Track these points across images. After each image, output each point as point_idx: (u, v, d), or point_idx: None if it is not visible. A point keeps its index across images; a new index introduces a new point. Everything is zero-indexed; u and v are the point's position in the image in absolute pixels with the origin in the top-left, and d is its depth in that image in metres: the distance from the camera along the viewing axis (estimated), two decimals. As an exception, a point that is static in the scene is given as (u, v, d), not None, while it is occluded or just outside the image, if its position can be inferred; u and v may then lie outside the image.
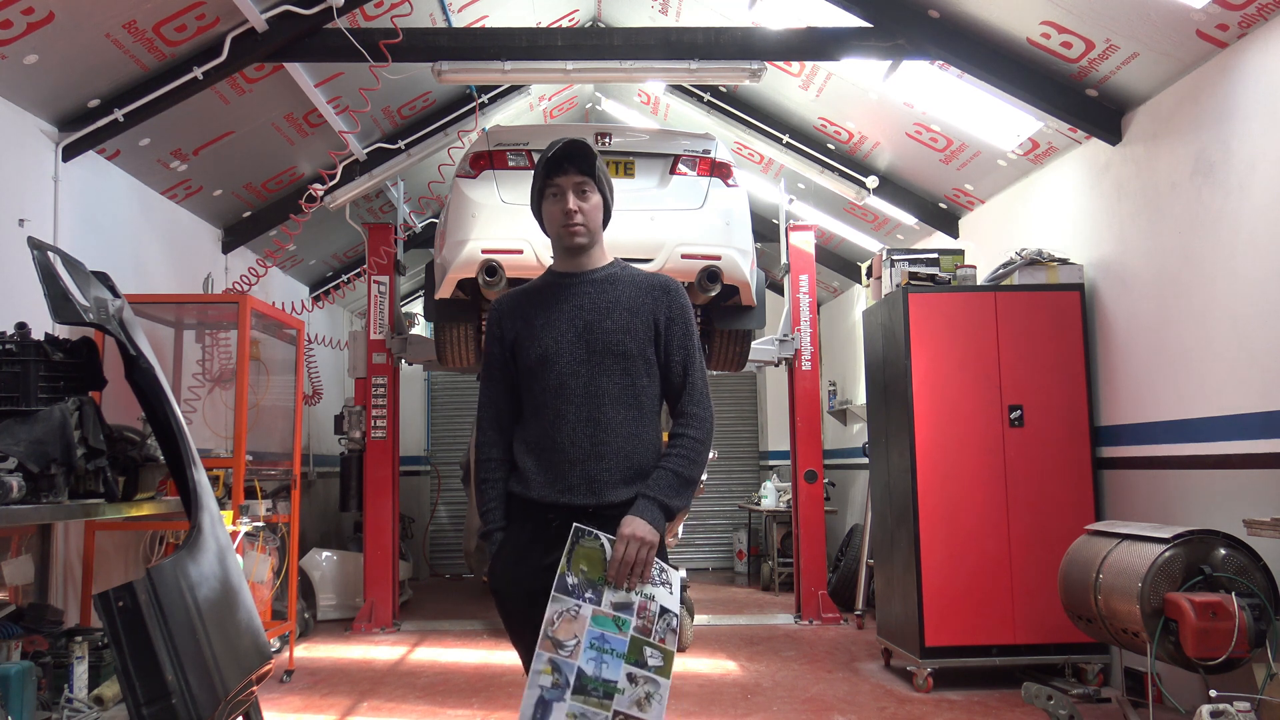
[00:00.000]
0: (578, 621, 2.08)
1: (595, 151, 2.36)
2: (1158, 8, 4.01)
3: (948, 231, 6.79)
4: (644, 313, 2.35)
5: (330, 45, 5.04)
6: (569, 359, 2.30)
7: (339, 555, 7.53)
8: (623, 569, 2.13)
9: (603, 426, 2.26)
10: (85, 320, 2.90)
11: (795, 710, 4.55)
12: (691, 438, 2.30)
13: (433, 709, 4.65)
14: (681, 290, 2.42)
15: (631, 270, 2.44)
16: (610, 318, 2.32)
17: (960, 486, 4.95)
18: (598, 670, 2.05)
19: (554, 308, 2.36)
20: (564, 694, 2.04)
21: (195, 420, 5.32)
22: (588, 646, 2.07)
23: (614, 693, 2.04)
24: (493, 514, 2.36)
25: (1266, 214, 3.83)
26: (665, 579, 2.16)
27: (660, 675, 2.07)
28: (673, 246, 5.10)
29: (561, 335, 2.32)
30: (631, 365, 2.32)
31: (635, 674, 2.07)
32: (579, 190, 2.34)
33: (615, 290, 2.37)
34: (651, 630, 2.10)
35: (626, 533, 2.15)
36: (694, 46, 5.25)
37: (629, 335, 2.32)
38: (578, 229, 2.34)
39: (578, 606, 2.10)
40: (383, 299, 7.11)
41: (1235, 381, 4.02)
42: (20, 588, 3.95)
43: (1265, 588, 3.57)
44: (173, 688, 2.44)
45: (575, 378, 2.29)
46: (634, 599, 2.11)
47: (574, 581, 2.11)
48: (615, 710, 2.04)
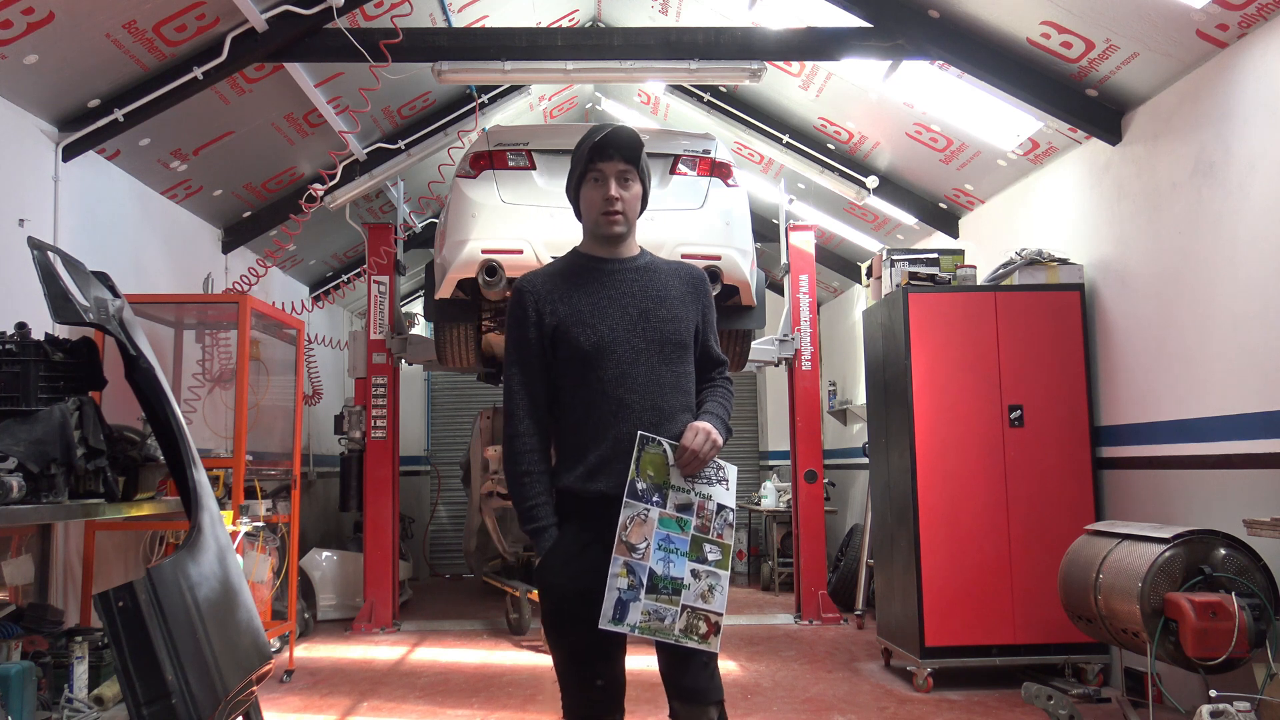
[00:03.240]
0: (647, 524, 2.17)
1: (642, 141, 2.33)
2: (1158, 8, 4.01)
3: (948, 231, 6.79)
4: (690, 304, 2.37)
5: (330, 45, 5.04)
6: (627, 347, 2.26)
7: (339, 555, 7.53)
8: (691, 457, 2.19)
9: (666, 415, 2.25)
10: (85, 320, 2.90)
11: (795, 710, 4.55)
12: (725, 384, 2.42)
13: (433, 709, 4.65)
14: (706, 279, 2.48)
15: (661, 259, 2.44)
16: (664, 306, 2.32)
17: (960, 486, 4.95)
18: (665, 569, 2.16)
19: (600, 293, 2.30)
20: (639, 594, 2.14)
21: (195, 420, 5.32)
22: (656, 548, 2.17)
23: (681, 589, 2.17)
24: (542, 510, 2.27)
25: (1266, 214, 3.83)
26: (722, 475, 2.25)
27: (720, 568, 2.20)
28: (673, 246, 5.09)
29: (617, 323, 2.27)
30: (685, 355, 2.34)
31: (698, 569, 2.18)
32: (621, 178, 2.31)
33: (660, 279, 2.36)
34: (710, 527, 2.21)
35: (696, 425, 2.22)
36: (694, 46, 5.25)
37: (683, 325, 2.34)
38: (616, 217, 2.31)
39: (646, 510, 2.18)
40: (383, 299, 7.11)
41: (1235, 381, 4.02)
42: (20, 588, 3.95)
43: (1265, 588, 3.57)
44: (173, 688, 2.44)
45: (635, 366, 2.26)
46: (694, 499, 2.21)
47: (643, 487, 2.18)
48: (683, 605, 2.16)
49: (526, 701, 4.79)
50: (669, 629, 2.15)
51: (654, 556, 2.16)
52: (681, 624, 2.16)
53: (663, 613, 2.15)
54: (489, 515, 7.41)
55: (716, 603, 2.18)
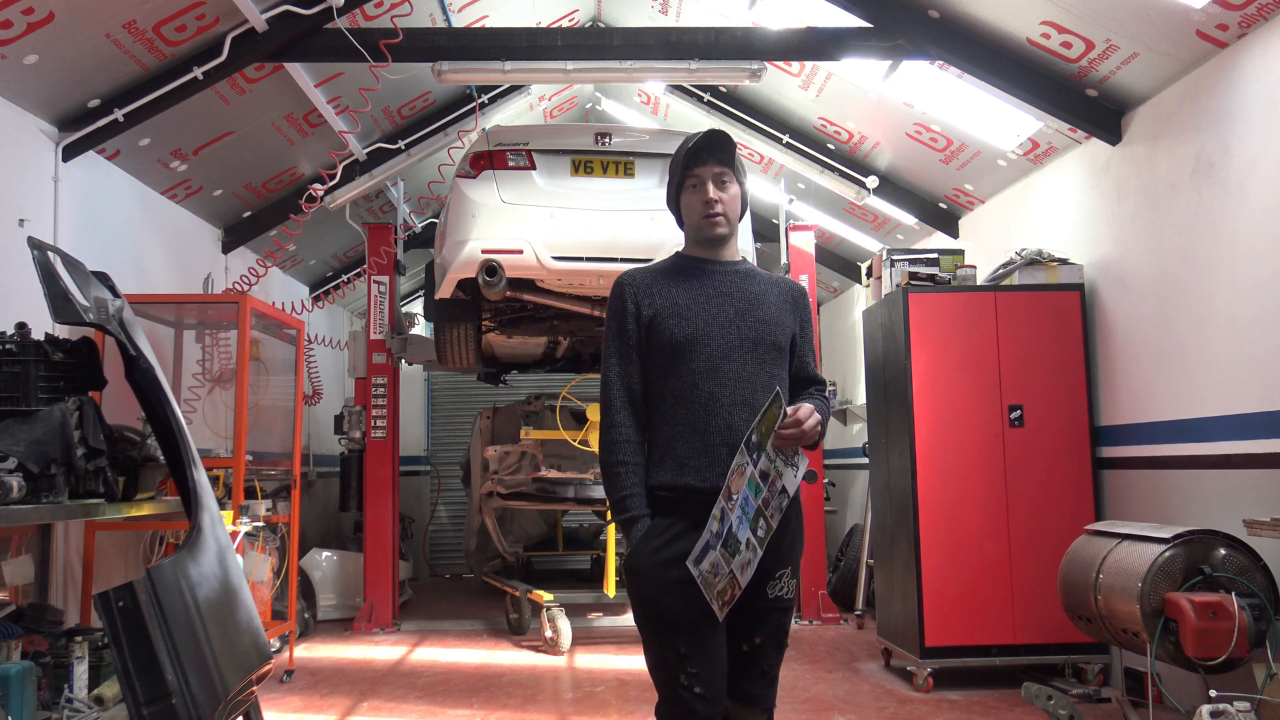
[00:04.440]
0: (745, 478, 2.14)
1: (734, 143, 2.37)
2: (1158, 8, 4.01)
3: (948, 231, 6.79)
4: (788, 313, 2.39)
5: (330, 45, 5.04)
6: (721, 343, 2.29)
7: (339, 555, 7.53)
8: (795, 429, 2.13)
9: (756, 413, 2.24)
10: (85, 320, 2.90)
11: (795, 710, 4.55)
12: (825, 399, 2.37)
13: (433, 709, 4.65)
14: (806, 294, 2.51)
15: (762, 270, 2.47)
16: (762, 308, 2.35)
17: (960, 486, 4.95)
18: (738, 528, 2.13)
19: (698, 290, 2.34)
20: (718, 543, 2.12)
21: (195, 420, 5.32)
22: (739, 506, 2.13)
23: (736, 552, 2.12)
24: (634, 500, 2.26)
25: (1266, 214, 3.83)
26: (795, 461, 2.19)
27: (760, 547, 2.15)
28: (672, 246, 5.04)
29: (713, 318, 2.31)
30: (780, 358, 2.35)
31: (750, 540, 2.13)
32: (719, 181, 2.35)
33: (759, 285, 2.39)
34: (770, 504, 2.16)
35: (809, 405, 2.19)
36: (694, 46, 5.25)
37: (778, 329, 2.35)
38: (718, 219, 2.35)
39: (747, 465, 2.15)
40: (383, 299, 7.11)
41: (1235, 381, 4.02)
42: (20, 588, 3.95)
43: (1265, 588, 3.57)
44: (173, 688, 2.44)
45: (728, 361, 2.28)
46: (772, 471, 2.15)
47: (755, 440, 2.15)
48: (730, 570, 2.13)
49: (526, 701, 4.79)
50: (714, 585, 2.13)
51: (736, 513, 2.13)
52: (722, 585, 2.13)
53: (719, 569, 2.12)
54: (489, 515, 7.41)
55: (745, 578, 2.14)
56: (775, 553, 2.24)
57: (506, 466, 6.95)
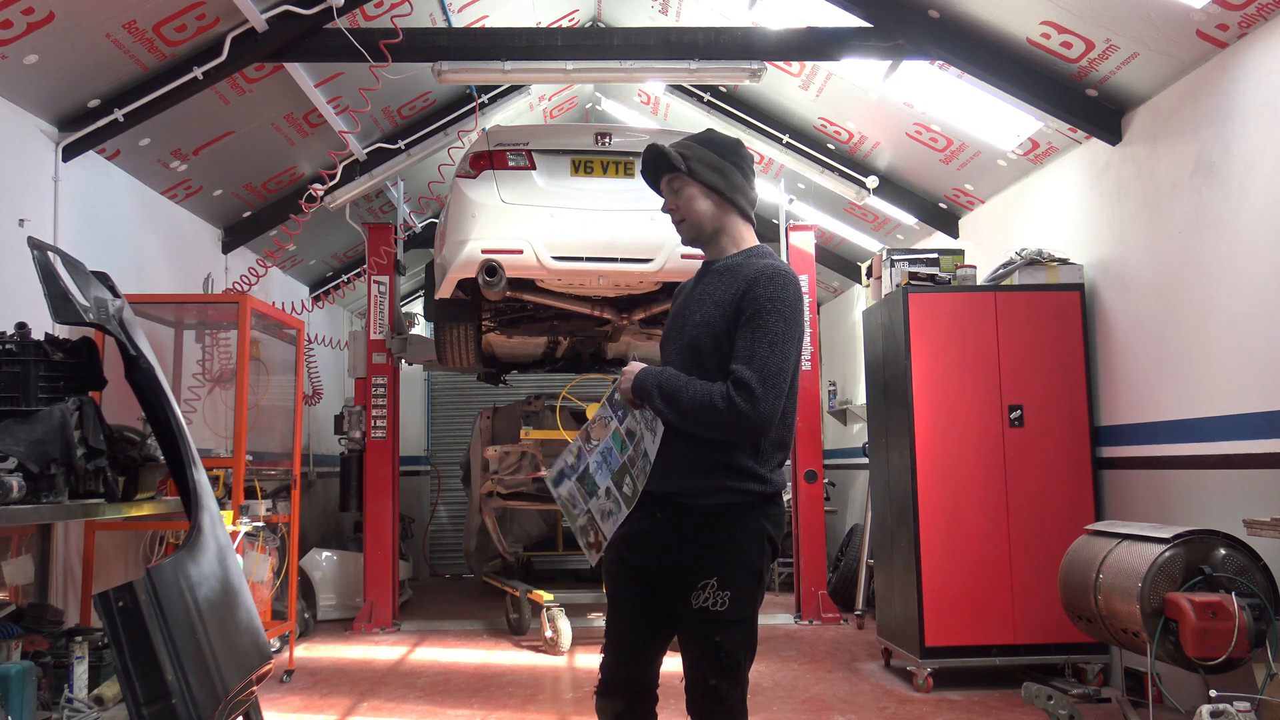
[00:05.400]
0: (607, 430, 2.42)
1: (662, 149, 2.40)
2: (1158, 8, 4.01)
3: (948, 231, 6.79)
4: (727, 306, 2.26)
5: (330, 45, 5.04)
6: (673, 346, 2.42)
7: (339, 555, 7.53)
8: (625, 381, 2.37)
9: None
10: (85, 320, 2.89)
11: (795, 710, 4.55)
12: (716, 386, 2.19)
13: (433, 709, 4.65)
14: (767, 280, 2.25)
15: (753, 260, 2.33)
16: (700, 310, 2.33)
17: (960, 486, 4.95)
18: (595, 471, 2.43)
19: (691, 293, 2.45)
20: (572, 477, 2.48)
21: (195, 420, 5.32)
22: (599, 452, 2.42)
23: (594, 493, 2.42)
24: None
25: (1267, 214, 3.83)
26: (654, 427, 2.32)
27: (626, 504, 2.35)
28: (672, 246, 5.10)
29: (672, 325, 2.46)
30: (704, 358, 2.28)
31: (611, 490, 2.38)
32: (672, 190, 2.44)
33: (721, 282, 2.33)
34: (634, 465, 2.35)
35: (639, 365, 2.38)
36: (694, 46, 5.25)
37: (704, 330, 2.29)
38: (680, 226, 2.46)
39: (610, 419, 2.43)
40: (383, 299, 7.11)
41: (1235, 381, 4.02)
42: (20, 588, 3.95)
43: (1265, 588, 3.57)
44: (173, 688, 2.43)
45: (672, 364, 2.39)
46: (637, 432, 2.35)
47: (617, 398, 2.41)
48: (588, 509, 2.43)
49: (526, 701, 4.79)
50: (575, 517, 2.47)
51: (594, 457, 2.42)
52: (582, 521, 2.44)
53: (576, 502, 2.46)
54: (489, 515, 7.41)
55: (608, 528, 2.36)
56: (695, 560, 2.25)
57: (506, 466, 6.96)
